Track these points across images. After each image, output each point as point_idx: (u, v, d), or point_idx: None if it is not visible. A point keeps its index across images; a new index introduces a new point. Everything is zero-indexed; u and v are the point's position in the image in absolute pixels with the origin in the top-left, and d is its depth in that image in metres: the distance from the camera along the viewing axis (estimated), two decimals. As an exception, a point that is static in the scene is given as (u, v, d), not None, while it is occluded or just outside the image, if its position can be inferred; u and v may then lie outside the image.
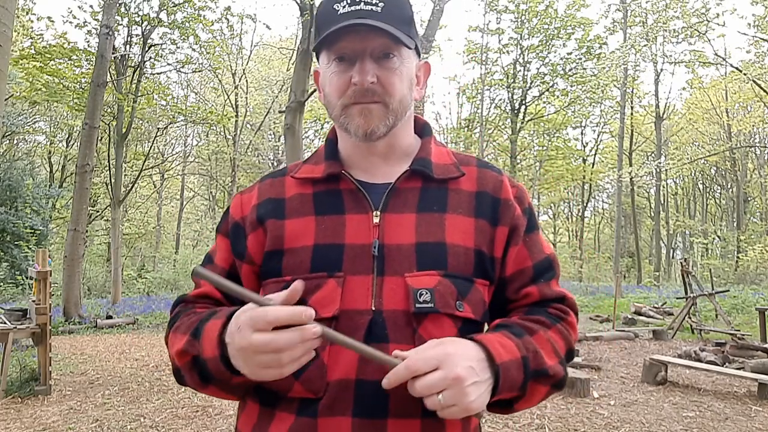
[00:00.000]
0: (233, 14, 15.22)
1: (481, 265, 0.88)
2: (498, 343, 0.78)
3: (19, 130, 21.00)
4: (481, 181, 0.93)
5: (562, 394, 4.96)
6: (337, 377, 0.79)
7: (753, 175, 28.70)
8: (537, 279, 0.91)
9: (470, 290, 0.85)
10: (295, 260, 0.86)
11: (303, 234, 0.87)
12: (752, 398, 4.95)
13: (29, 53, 13.93)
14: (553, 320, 0.88)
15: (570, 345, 0.89)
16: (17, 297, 14.40)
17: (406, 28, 0.87)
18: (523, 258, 0.91)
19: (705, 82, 24.59)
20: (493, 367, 0.76)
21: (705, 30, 15.07)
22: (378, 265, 0.84)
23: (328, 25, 0.85)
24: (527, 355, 0.79)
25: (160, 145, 25.54)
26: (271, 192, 0.95)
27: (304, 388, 0.80)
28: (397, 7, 0.86)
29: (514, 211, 0.92)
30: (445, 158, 0.96)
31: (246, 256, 0.91)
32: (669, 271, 29.27)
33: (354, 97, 0.87)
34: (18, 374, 5.32)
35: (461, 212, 0.89)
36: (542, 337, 0.84)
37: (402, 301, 0.82)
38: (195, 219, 31.03)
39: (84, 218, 11.09)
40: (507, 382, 0.77)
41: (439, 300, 0.82)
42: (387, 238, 0.85)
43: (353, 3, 0.84)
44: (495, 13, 21.68)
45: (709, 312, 10.59)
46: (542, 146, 25.91)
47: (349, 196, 0.90)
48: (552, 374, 0.82)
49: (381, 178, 0.92)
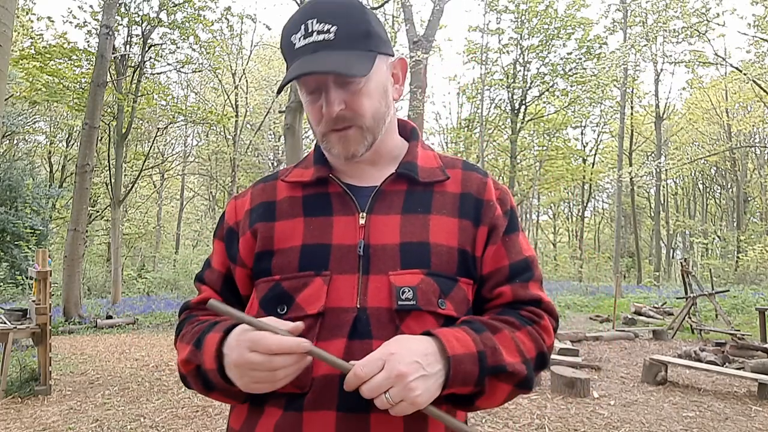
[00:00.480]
0: (233, 14, 15.24)
1: (465, 264, 0.89)
2: (453, 336, 0.79)
3: (19, 130, 20.99)
4: (466, 183, 0.96)
5: (562, 394, 4.97)
6: (322, 373, 0.82)
7: (753, 175, 28.70)
8: (512, 279, 0.92)
9: (453, 289, 0.87)
10: (284, 260, 0.89)
11: (292, 235, 0.91)
12: (752, 398, 4.95)
13: (29, 53, 13.93)
14: (523, 322, 0.88)
15: (541, 348, 0.88)
16: (17, 297, 14.40)
17: (363, 44, 0.87)
18: (500, 257, 0.92)
19: (705, 82, 24.60)
20: (444, 359, 0.77)
21: (705, 30, 15.07)
22: (363, 264, 0.87)
23: (290, 59, 0.89)
24: (484, 350, 0.80)
25: (160, 145, 25.53)
26: (263, 196, 0.99)
27: (291, 383, 0.82)
28: (350, 25, 0.86)
29: (495, 211, 0.94)
30: (432, 162, 0.98)
31: (238, 260, 0.95)
32: (669, 271, 29.28)
33: (328, 125, 0.89)
34: (18, 374, 5.32)
35: (445, 213, 0.92)
36: (506, 335, 0.84)
37: (385, 299, 0.84)
38: (195, 219, 31.04)
39: (84, 218, 11.09)
40: (459, 375, 0.77)
41: (422, 298, 0.84)
42: (372, 239, 0.88)
43: (307, 34, 0.86)
44: (495, 13, 21.70)
45: (709, 312, 10.59)
46: (542, 146, 25.90)
47: (337, 198, 0.93)
48: (512, 371, 0.81)
49: (368, 181, 0.95)
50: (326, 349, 0.82)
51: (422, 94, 13.35)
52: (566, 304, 14.11)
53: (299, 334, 0.78)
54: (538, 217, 36.16)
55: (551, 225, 37.19)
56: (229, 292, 0.98)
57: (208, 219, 28.63)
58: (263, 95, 25.62)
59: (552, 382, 5.18)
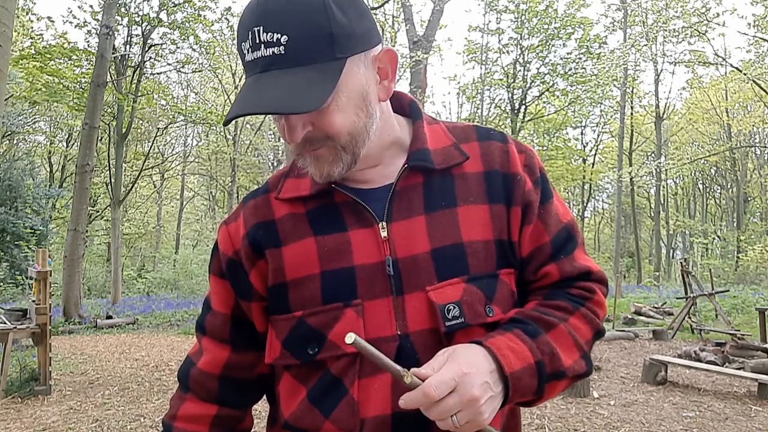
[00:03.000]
0: (233, 14, 15.24)
1: (503, 254, 0.81)
2: (508, 348, 0.72)
3: (19, 130, 20.99)
4: (487, 158, 0.84)
5: (562, 394, 4.97)
6: (372, 414, 0.75)
7: (753, 175, 28.71)
8: (556, 255, 0.83)
9: (497, 288, 0.80)
10: (304, 293, 0.78)
11: (306, 261, 0.79)
12: (752, 398, 4.94)
13: (29, 53, 13.94)
14: (575, 304, 0.81)
15: (597, 327, 0.82)
16: (17, 297, 14.40)
17: (324, 53, 0.71)
18: (539, 234, 0.83)
19: (705, 82, 24.59)
20: (503, 378, 0.71)
21: (705, 30, 15.07)
22: (396, 284, 0.77)
23: (245, 71, 0.75)
24: (542, 359, 0.73)
25: (160, 145, 25.55)
26: (257, 216, 0.84)
27: (336, 427, 0.75)
28: (306, 32, 0.69)
29: (525, 186, 0.83)
30: (443, 140, 0.86)
31: (253, 295, 0.84)
32: (669, 271, 29.28)
33: (298, 148, 0.77)
34: (18, 374, 5.32)
35: (473, 201, 0.81)
36: (562, 330, 0.77)
37: (428, 320, 0.76)
38: (195, 219, 31.07)
39: (84, 218, 11.10)
40: (518, 392, 0.72)
41: (468, 312, 0.76)
42: (399, 251, 0.77)
43: (255, 47, 0.71)
44: (495, 13, 21.68)
45: (709, 312, 10.59)
46: (542, 146, 25.89)
47: (348, 209, 0.80)
48: (571, 375, 0.76)
49: (377, 181, 0.83)
50: (371, 388, 0.75)
51: (422, 94, 13.36)
52: (566, 304, 14.09)
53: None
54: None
55: (551, 225, 37.16)
56: (240, 338, 0.86)
57: (208, 219, 28.63)
58: (263, 95, 25.59)
59: (552, 382, 5.17)
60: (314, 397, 0.78)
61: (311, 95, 0.69)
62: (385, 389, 0.74)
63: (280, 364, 0.82)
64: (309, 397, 0.78)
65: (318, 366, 0.78)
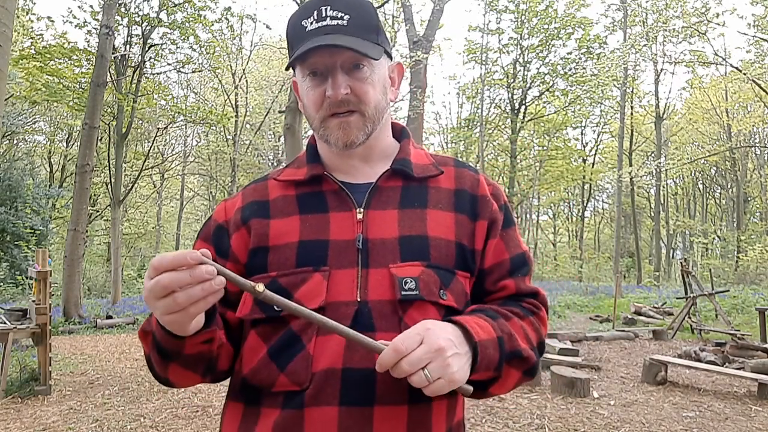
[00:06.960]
0: (233, 14, 15.23)
1: (462, 257, 0.90)
2: (474, 322, 0.81)
3: (19, 130, 20.99)
4: (459, 180, 0.97)
5: (562, 394, 4.97)
6: (323, 367, 0.80)
7: (753, 175, 28.71)
8: (514, 273, 0.94)
9: (452, 281, 0.88)
10: (281, 256, 0.88)
11: (288, 232, 0.90)
12: (752, 398, 4.95)
13: (29, 53, 13.92)
14: (526, 312, 0.91)
15: (541, 338, 0.91)
16: (17, 297, 14.39)
17: (373, 37, 0.90)
18: (501, 251, 0.94)
19: (705, 82, 24.58)
20: (471, 344, 0.78)
21: (705, 30, 15.07)
22: (363, 258, 0.86)
23: (299, 42, 0.89)
24: (502, 336, 0.82)
25: (160, 145, 25.52)
26: (254, 195, 0.97)
27: (290, 380, 0.81)
28: (362, 17, 0.89)
29: (492, 206, 0.95)
30: (424, 159, 0.99)
31: (230, 255, 0.93)
32: (669, 271, 29.26)
33: (330, 109, 0.89)
34: (18, 374, 5.32)
35: (441, 207, 0.92)
36: (516, 323, 0.87)
37: (387, 291, 0.84)
38: (195, 219, 31.06)
39: (84, 218, 11.09)
40: (485, 359, 0.79)
41: (424, 288, 0.84)
42: (371, 233, 0.88)
43: (320, 18, 0.87)
44: (495, 13, 21.69)
45: (709, 312, 10.59)
46: (542, 146, 25.90)
47: (333, 195, 0.93)
48: (525, 356, 0.85)
49: (362, 178, 0.95)
50: (327, 344, 0.81)
51: (422, 93, 13.36)
52: (566, 304, 14.09)
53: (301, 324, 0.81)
54: (538, 217, 36.12)
55: (551, 225, 37.16)
56: None
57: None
58: (263, 95, 25.61)
59: (552, 382, 5.17)
60: (273, 351, 0.84)
61: (371, 51, 0.87)
62: (339, 345, 0.80)
63: (248, 319, 0.88)
64: (269, 352, 0.85)
65: (281, 323, 0.85)
